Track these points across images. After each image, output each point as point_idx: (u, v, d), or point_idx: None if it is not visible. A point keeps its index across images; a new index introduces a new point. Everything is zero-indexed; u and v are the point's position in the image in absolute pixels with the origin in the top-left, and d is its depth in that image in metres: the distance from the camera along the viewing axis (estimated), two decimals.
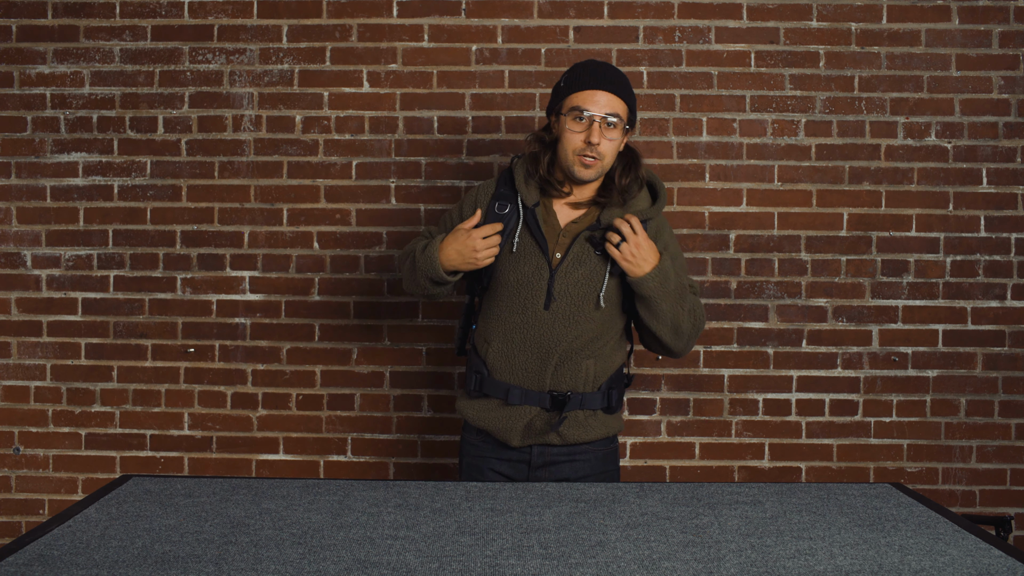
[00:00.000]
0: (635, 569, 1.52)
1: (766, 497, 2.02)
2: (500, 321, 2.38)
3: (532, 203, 2.35)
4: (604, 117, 2.26)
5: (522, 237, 2.35)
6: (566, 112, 2.29)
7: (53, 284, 3.29)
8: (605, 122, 2.26)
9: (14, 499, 3.30)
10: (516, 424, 2.37)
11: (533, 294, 2.33)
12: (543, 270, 2.32)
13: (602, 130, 2.26)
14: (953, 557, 1.61)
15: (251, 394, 3.29)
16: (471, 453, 2.48)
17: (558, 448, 2.40)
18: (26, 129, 3.28)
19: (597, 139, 2.25)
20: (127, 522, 1.75)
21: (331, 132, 3.27)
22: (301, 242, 3.27)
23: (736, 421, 3.27)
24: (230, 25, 3.26)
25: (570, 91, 2.30)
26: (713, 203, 3.24)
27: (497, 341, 2.38)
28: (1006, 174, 3.24)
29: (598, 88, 2.27)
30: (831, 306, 3.26)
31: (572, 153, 2.29)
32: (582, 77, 2.30)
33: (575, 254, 2.33)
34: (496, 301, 2.40)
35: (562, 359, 2.34)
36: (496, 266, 2.39)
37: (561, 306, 2.32)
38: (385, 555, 1.58)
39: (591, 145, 2.26)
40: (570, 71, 2.35)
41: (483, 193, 2.44)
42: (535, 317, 2.32)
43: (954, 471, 3.26)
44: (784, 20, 3.23)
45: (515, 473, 2.42)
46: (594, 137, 2.25)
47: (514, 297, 2.35)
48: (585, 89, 2.27)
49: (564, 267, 2.32)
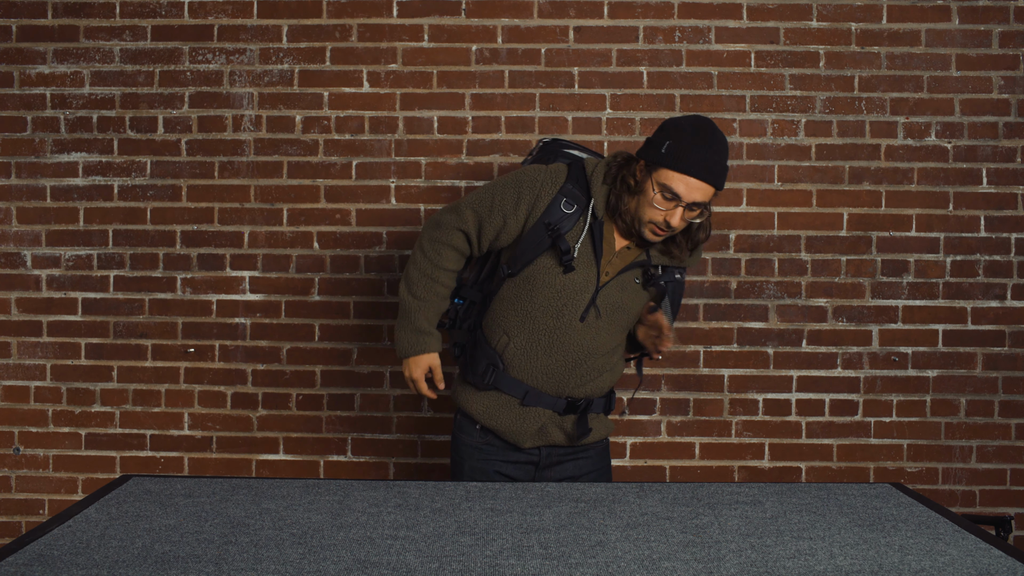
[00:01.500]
0: (635, 569, 1.52)
1: (766, 497, 2.02)
2: (528, 319, 2.33)
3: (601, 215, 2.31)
4: (690, 204, 2.20)
5: (583, 244, 2.31)
6: (656, 181, 2.20)
7: (53, 284, 3.29)
8: (690, 208, 2.22)
9: (14, 499, 3.30)
10: (530, 426, 2.37)
11: (575, 303, 2.31)
12: (591, 283, 2.31)
13: (685, 215, 2.22)
14: (953, 557, 1.61)
15: (251, 394, 3.29)
16: (475, 457, 2.44)
17: (564, 448, 2.41)
18: (26, 129, 3.28)
19: (678, 224, 2.22)
20: (127, 522, 1.75)
21: (331, 132, 3.27)
22: (301, 242, 3.28)
23: (736, 421, 3.27)
24: (230, 25, 3.26)
25: (670, 166, 2.19)
26: (713, 203, 3.24)
27: (520, 338, 2.34)
28: (1006, 174, 3.24)
29: (702, 178, 2.19)
30: (831, 306, 3.26)
31: (647, 222, 2.24)
32: (686, 158, 2.18)
33: (623, 279, 2.34)
34: (527, 297, 2.33)
35: (587, 370, 2.36)
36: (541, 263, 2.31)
37: (597, 321, 2.33)
38: (385, 555, 1.58)
39: (668, 226, 2.22)
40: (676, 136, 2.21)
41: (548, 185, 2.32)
42: (569, 326, 2.31)
43: (954, 471, 3.26)
44: (784, 20, 3.23)
45: (522, 474, 2.42)
46: (675, 221, 2.21)
47: (554, 300, 2.31)
48: (684, 174, 2.18)
49: (610, 286, 2.33)
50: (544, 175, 2.34)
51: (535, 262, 2.32)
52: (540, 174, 2.34)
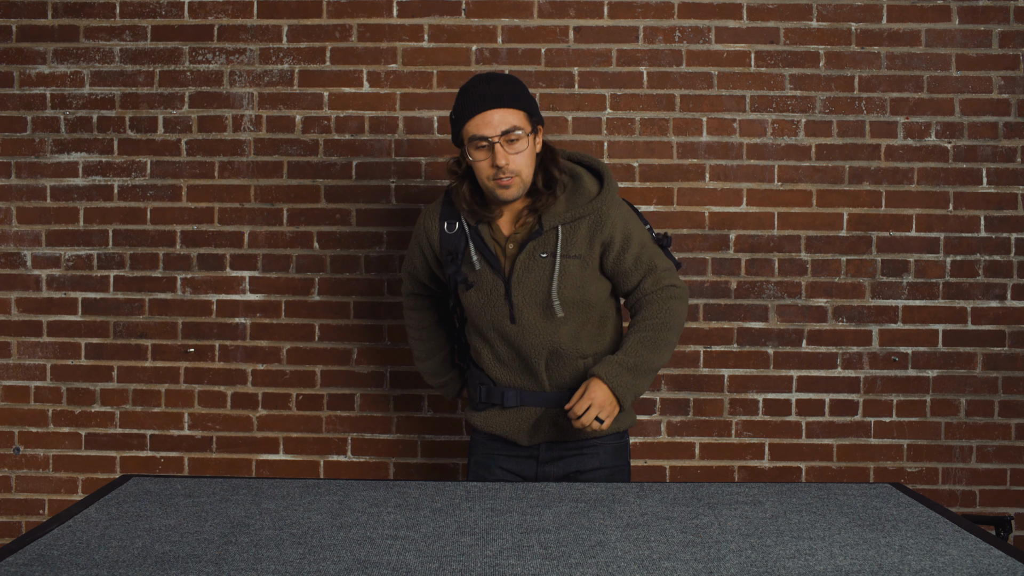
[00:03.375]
0: (635, 569, 1.52)
1: (766, 497, 2.02)
2: (480, 335, 2.41)
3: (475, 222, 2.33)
4: (502, 135, 2.19)
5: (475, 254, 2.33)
6: (467, 142, 2.24)
7: (53, 284, 3.29)
8: (506, 139, 2.19)
9: (14, 499, 3.30)
10: (523, 425, 2.39)
11: (498, 311, 2.32)
12: (499, 287, 2.31)
13: (506, 148, 2.19)
14: (953, 557, 1.61)
15: (251, 394, 3.29)
16: (479, 452, 2.52)
17: (565, 444, 2.41)
18: (26, 129, 3.28)
19: (504, 160, 2.19)
20: (127, 522, 1.75)
21: (331, 132, 3.27)
22: (301, 242, 3.28)
23: (736, 421, 3.27)
24: (230, 25, 3.26)
25: (463, 121, 2.23)
26: (713, 203, 3.24)
27: (485, 351, 2.41)
28: (1006, 174, 3.24)
29: (485, 109, 2.19)
30: (831, 306, 3.26)
31: (487, 180, 2.23)
32: (468, 103, 2.22)
33: (523, 263, 2.29)
34: (470, 317, 2.42)
35: (550, 361, 2.35)
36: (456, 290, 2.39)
37: (526, 316, 2.31)
38: (385, 555, 1.58)
39: (500, 168, 2.20)
40: (457, 98, 2.28)
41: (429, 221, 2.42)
42: (507, 330, 2.34)
43: (954, 471, 3.26)
44: (784, 20, 3.23)
45: (524, 469, 2.43)
46: (500, 160, 2.19)
47: (483, 316, 2.35)
48: (475, 115, 2.20)
49: (516, 278, 2.30)
50: (423, 216, 2.47)
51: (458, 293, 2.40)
52: (421, 217, 2.48)
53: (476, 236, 2.32)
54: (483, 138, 2.19)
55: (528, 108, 2.24)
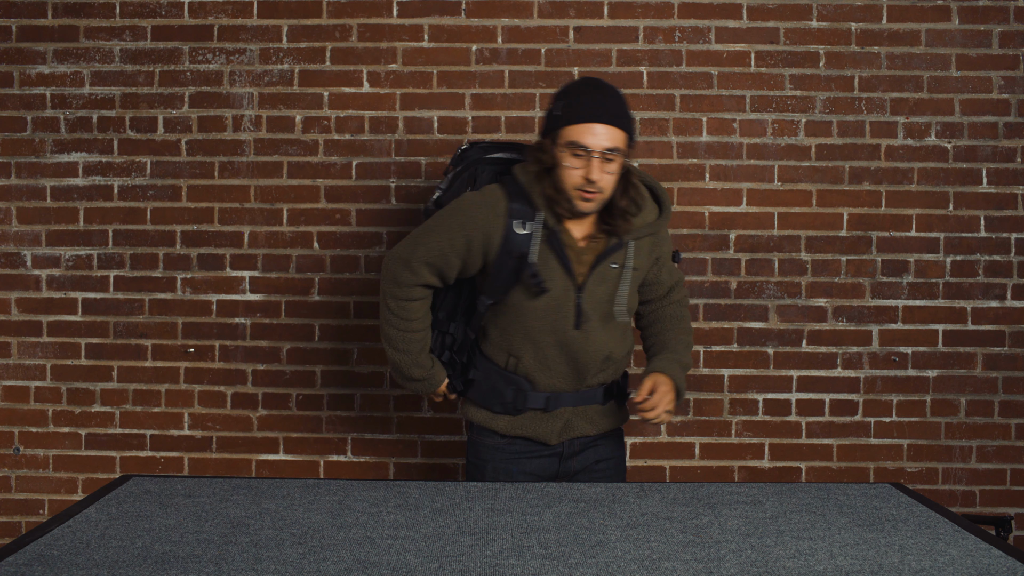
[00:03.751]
0: (635, 569, 1.52)
1: (766, 497, 2.02)
2: (528, 339, 2.32)
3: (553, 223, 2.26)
4: (603, 152, 2.16)
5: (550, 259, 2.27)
6: (563, 144, 2.18)
7: (53, 284, 3.29)
8: (604, 157, 2.16)
9: (14, 499, 3.30)
10: (555, 425, 2.38)
11: (563, 317, 2.29)
12: (570, 291, 2.28)
13: (602, 166, 2.16)
14: (953, 557, 1.61)
15: (251, 394, 3.29)
16: (498, 457, 2.41)
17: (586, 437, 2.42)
18: (26, 129, 3.28)
19: (597, 176, 2.16)
20: (127, 522, 1.75)
21: (331, 132, 3.27)
22: (301, 242, 3.28)
23: (736, 421, 3.27)
24: (230, 25, 3.26)
25: (567, 123, 2.18)
26: (713, 203, 3.24)
27: (529, 355, 2.34)
28: (1006, 174, 3.24)
29: (596, 121, 2.15)
30: (831, 306, 3.26)
31: (571, 188, 2.19)
32: (579, 108, 2.17)
33: (600, 272, 2.30)
34: (520, 320, 2.31)
35: (603, 365, 2.38)
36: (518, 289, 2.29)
37: (591, 323, 2.31)
38: (385, 555, 1.58)
39: (590, 182, 2.16)
40: (566, 97, 2.22)
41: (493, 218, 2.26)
42: (569, 336, 2.30)
43: (954, 471, 3.25)
44: (784, 20, 3.23)
45: (547, 468, 2.41)
46: (594, 174, 2.15)
47: (543, 321, 2.29)
48: (583, 122, 2.16)
49: (590, 285, 2.29)
50: (485, 212, 2.27)
51: (513, 291, 2.30)
52: (481, 212, 2.27)
53: (557, 241, 2.25)
54: (585, 148, 2.15)
55: (630, 131, 2.22)
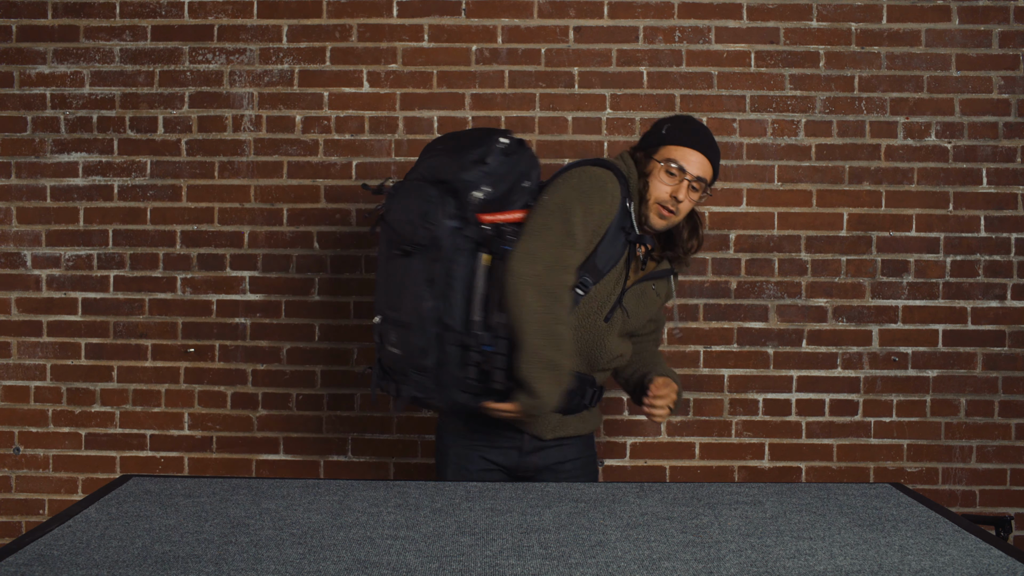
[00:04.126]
0: (635, 569, 1.52)
1: (766, 497, 2.02)
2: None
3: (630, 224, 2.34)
4: (695, 178, 2.32)
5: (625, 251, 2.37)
6: (661, 160, 2.33)
7: (53, 284, 3.29)
8: (693, 184, 2.32)
9: (14, 499, 3.30)
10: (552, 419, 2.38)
11: (605, 304, 2.34)
12: (618, 287, 2.35)
13: (688, 190, 2.32)
14: (953, 557, 1.61)
15: (251, 394, 3.29)
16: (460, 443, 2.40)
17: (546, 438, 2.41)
18: (26, 129, 3.28)
19: (683, 196, 2.31)
20: (127, 522, 1.75)
21: (331, 132, 3.27)
22: (301, 242, 3.28)
23: (736, 421, 3.27)
24: (230, 25, 3.26)
25: (671, 142, 2.34)
26: (713, 203, 3.24)
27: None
28: (1006, 174, 3.24)
29: (697, 149, 2.33)
30: (831, 306, 3.26)
31: (655, 201, 2.32)
32: (684, 134, 2.35)
33: (640, 288, 2.41)
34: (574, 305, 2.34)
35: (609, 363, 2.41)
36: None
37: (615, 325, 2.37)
38: (385, 555, 1.58)
39: (675, 200, 2.31)
40: (672, 122, 2.39)
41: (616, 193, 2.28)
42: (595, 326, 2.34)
43: (954, 471, 3.26)
44: (784, 20, 3.23)
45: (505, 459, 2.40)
46: (680, 194, 2.31)
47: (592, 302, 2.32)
48: (685, 146, 2.32)
49: (632, 291, 2.39)
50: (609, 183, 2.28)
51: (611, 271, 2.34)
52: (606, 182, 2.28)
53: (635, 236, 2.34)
54: (682, 169, 2.31)
55: (716, 173, 2.39)
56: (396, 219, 2.23)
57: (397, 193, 2.26)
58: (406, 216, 2.21)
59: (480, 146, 2.25)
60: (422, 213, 2.18)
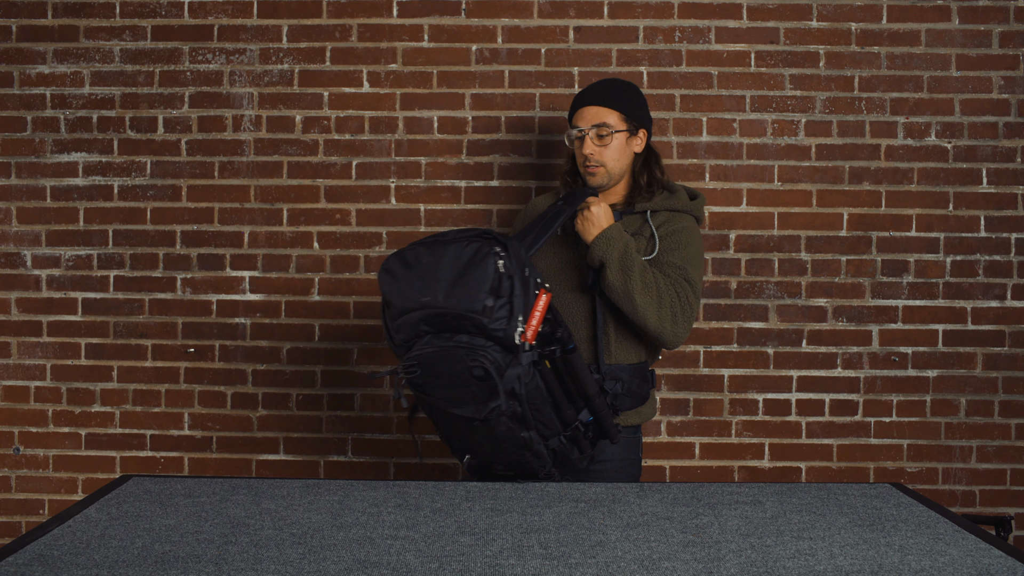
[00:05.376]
0: (635, 569, 1.52)
1: (766, 497, 2.02)
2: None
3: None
4: (591, 127, 2.44)
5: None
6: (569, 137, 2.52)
7: (53, 284, 3.29)
8: (596, 133, 2.44)
9: (14, 499, 3.30)
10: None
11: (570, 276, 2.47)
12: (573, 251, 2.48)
13: (593, 142, 2.44)
14: (953, 557, 1.61)
15: (251, 394, 3.29)
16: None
17: None
18: (26, 129, 3.28)
19: (589, 150, 2.44)
20: (127, 522, 1.75)
21: (331, 132, 3.27)
22: (301, 242, 3.28)
23: (736, 421, 3.27)
24: (230, 25, 3.26)
25: (570, 115, 2.53)
26: (713, 203, 3.24)
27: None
28: (1006, 174, 3.24)
29: (584, 105, 2.47)
30: (831, 306, 3.26)
31: (580, 166, 2.48)
32: (575, 99, 2.52)
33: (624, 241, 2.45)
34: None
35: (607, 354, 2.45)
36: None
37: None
38: (385, 555, 1.58)
39: (587, 157, 2.45)
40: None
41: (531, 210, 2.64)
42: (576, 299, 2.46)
43: (954, 471, 3.25)
44: (784, 20, 3.23)
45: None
46: (586, 149, 2.44)
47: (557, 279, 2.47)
48: (576, 109, 2.49)
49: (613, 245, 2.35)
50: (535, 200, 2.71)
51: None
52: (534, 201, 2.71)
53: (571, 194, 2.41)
54: (578, 129, 2.46)
55: (626, 110, 2.46)
56: (443, 396, 2.09)
57: (425, 365, 2.05)
58: (456, 393, 2.05)
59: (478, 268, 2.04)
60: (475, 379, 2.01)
